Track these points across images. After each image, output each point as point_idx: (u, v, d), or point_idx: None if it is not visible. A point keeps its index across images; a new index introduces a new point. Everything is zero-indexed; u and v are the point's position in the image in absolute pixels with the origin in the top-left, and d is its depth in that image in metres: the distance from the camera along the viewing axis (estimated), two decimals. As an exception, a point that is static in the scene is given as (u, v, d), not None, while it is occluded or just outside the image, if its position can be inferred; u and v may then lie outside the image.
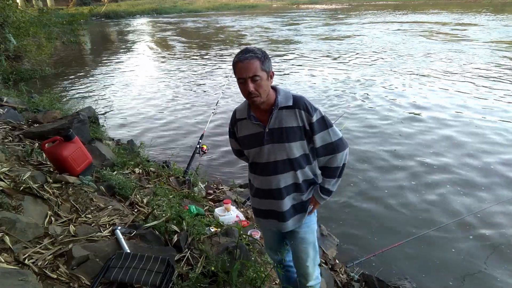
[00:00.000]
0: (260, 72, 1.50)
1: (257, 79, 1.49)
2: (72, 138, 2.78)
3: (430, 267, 3.13)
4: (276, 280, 2.39)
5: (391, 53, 12.47)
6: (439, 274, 3.05)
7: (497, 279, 2.98)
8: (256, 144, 1.66)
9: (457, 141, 5.52)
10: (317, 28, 20.52)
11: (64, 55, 14.26)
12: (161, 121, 6.90)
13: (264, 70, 1.51)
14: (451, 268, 3.10)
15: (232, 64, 1.57)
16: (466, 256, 3.24)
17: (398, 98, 7.69)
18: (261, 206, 1.78)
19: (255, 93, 1.52)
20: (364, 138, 5.76)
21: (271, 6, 45.43)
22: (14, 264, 1.74)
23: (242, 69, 1.50)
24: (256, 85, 1.50)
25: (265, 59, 1.52)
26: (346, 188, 4.38)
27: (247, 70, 1.48)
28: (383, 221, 3.76)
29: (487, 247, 3.35)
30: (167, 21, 28.68)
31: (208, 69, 11.35)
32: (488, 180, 4.42)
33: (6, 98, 4.78)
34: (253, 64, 1.48)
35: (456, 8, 29.76)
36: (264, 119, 1.63)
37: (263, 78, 1.51)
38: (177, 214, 2.50)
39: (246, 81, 1.50)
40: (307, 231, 1.79)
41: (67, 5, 31.69)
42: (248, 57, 1.49)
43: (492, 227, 3.60)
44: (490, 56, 11.32)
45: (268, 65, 1.53)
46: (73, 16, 10.60)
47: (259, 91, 1.52)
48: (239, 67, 1.51)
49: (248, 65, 1.48)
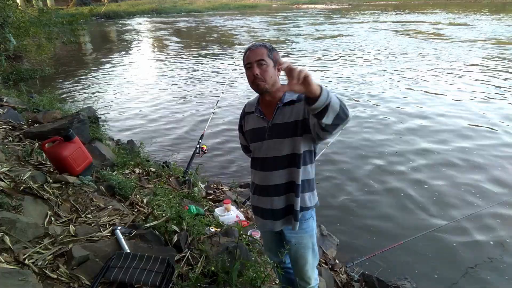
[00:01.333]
0: (267, 59, 1.54)
1: (263, 63, 1.53)
2: (72, 138, 2.78)
3: (430, 267, 3.13)
4: (276, 280, 2.38)
5: (377, 53, 12.55)
6: (439, 274, 3.05)
7: (497, 279, 2.98)
8: (259, 138, 1.67)
9: (459, 141, 5.52)
10: (306, 28, 20.58)
11: (64, 55, 14.26)
12: (161, 121, 6.90)
13: (271, 58, 1.56)
14: (451, 268, 3.10)
15: (243, 57, 1.62)
16: (466, 256, 3.24)
17: (396, 99, 7.70)
18: (259, 203, 1.77)
19: (260, 77, 1.54)
20: (364, 138, 5.76)
21: (271, 6, 45.45)
22: (14, 264, 1.74)
23: (250, 55, 1.56)
24: (262, 69, 1.54)
25: (273, 50, 1.58)
26: (346, 188, 4.38)
27: (254, 55, 1.55)
28: (383, 221, 3.76)
29: (487, 247, 3.35)
30: (167, 21, 28.68)
31: (208, 69, 11.35)
32: (491, 181, 4.43)
33: (6, 98, 4.78)
34: (261, 51, 1.55)
35: (456, 8, 29.79)
36: (269, 114, 1.65)
37: (269, 65, 1.55)
38: (177, 214, 2.50)
39: (252, 65, 1.54)
40: (304, 236, 1.76)
41: (67, 5, 31.67)
42: (256, 45, 1.58)
43: (493, 226, 3.61)
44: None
45: (275, 56, 1.59)
46: (73, 16, 10.58)
47: (264, 76, 1.54)
48: (248, 55, 1.57)
49: (255, 50, 1.55)
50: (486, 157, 5.00)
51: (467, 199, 4.07)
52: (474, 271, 3.08)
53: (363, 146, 5.48)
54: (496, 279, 2.98)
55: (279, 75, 1.62)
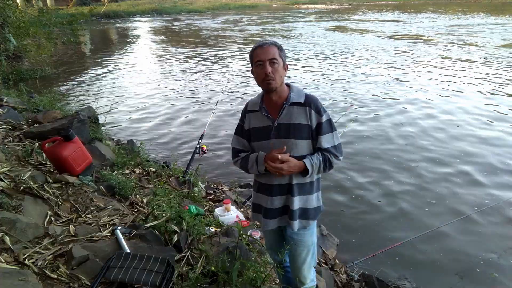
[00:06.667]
0: (278, 58, 1.56)
1: (275, 62, 1.55)
2: (72, 138, 2.78)
3: (430, 267, 3.13)
4: (276, 280, 2.38)
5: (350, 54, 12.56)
6: (439, 274, 3.05)
7: (497, 279, 2.98)
8: (263, 137, 1.67)
9: (461, 140, 5.52)
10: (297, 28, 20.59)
11: (64, 55, 14.26)
12: (161, 121, 6.90)
13: (281, 57, 1.58)
14: (451, 268, 3.10)
15: (250, 53, 1.62)
16: (466, 256, 3.24)
17: (395, 100, 7.70)
18: (262, 202, 1.77)
19: (271, 76, 1.55)
20: (365, 138, 5.76)
21: (271, 6, 45.44)
22: (14, 264, 1.74)
23: (261, 53, 1.55)
24: (273, 68, 1.55)
25: (282, 50, 1.60)
26: (346, 188, 4.38)
27: (267, 53, 1.54)
28: (383, 221, 3.76)
29: (487, 246, 3.35)
30: (167, 21, 28.67)
31: (208, 69, 11.35)
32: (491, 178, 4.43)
33: (6, 98, 4.77)
34: (272, 49, 1.55)
35: (457, 8, 29.83)
36: (274, 113, 1.65)
37: (280, 65, 1.57)
38: (177, 214, 2.50)
39: (264, 63, 1.54)
40: (306, 234, 1.77)
41: (67, 5, 31.69)
42: (268, 43, 1.57)
43: (493, 226, 3.60)
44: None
45: (284, 55, 1.60)
46: (73, 16, 10.57)
47: (275, 75, 1.56)
48: (258, 51, 1.56)
49: (267, 48, 1.55)
50: (484, 156, 5.01)
51: (467, 199, 4.07)
52: (475, 271, 3.08)
53: (363, 146, 5.48)
54: (498, 279, 2.97)
55: (285, 74, 1.64)
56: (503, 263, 3.14)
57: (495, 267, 3.10)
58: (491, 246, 3.36)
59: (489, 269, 3.08)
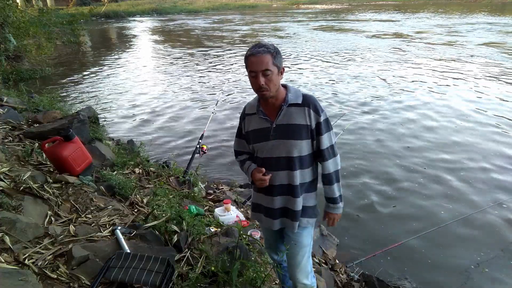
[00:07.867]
0: (272, 67, 1.53)
1: (268, 74, 1.52)
2: (72, 138, 2.78)
3: (430, 267, 3.12)
4: (276, 280, 2.39)
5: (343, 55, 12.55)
6: (439, 274, 3.05)
7: (497, 279, 2.98)
8: (262, 139, 1.68)
9: (461, 140, 5.52)
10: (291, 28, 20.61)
11: (64, 55, 14.26)
12: (161, 121, 6.89)
13: (276, 65, 1.54)
14: (451, 268, 3.10)
15: (244, 58, 1.59)
16: (467, 256, 3.24)
17: (395, 100, 7.70)
18: (262, 202, 1.78)
19: (265, 87, 1.54)
20: (365, 138, 5.76)
21: (271, 6, 45.45)
22: (14, 264, 1.74)
23: (254, 63, 1.52)
24: (267, 79, 1.53)
25: (277, 55, 1.55)
26: (345, 188, 4.38)
27: (259, 64, 1.51)
28: (383, 221, 3.76)
29: (488, 246, 3.35)
30: (167, 21, 28.67)
31: (208, 69, 11.34)
32: (490, 181, 4.43)
33: (6, 98, 4.77)
34: (265, 58, 1.51)
35: (457, 8, 29.84)
36: (272, 114, 1.65)
37: (274, 73, 1.54)
38: (177, 214, 2.50)
39: (257, 75, 1.52)
40: (301, 234, 1.77)
41: (67, 5, 31.67)
42: (261, 51, 1.51)
43: (493, 226, 3.61)
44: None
45: (279, 61, 1.56)
46: (73, 16, 10.58)
47: (269, 85, 1.54)
48: (251, 60, 1.53)
49: (260, 58, 1.51)
50: (485, 156, 5.01)
51: (467, 199, 4.07)
52: (475, 270, 3.08)
53: (363, 146, 5.48)
54: (498, 279, 2.97)
55: (281, 78, 1.63)
56: (503, 263, 3.14)
57: (495, 267, 3.10)
58: (491, 246, 3.35)
59: (489, 269, 3.08)
